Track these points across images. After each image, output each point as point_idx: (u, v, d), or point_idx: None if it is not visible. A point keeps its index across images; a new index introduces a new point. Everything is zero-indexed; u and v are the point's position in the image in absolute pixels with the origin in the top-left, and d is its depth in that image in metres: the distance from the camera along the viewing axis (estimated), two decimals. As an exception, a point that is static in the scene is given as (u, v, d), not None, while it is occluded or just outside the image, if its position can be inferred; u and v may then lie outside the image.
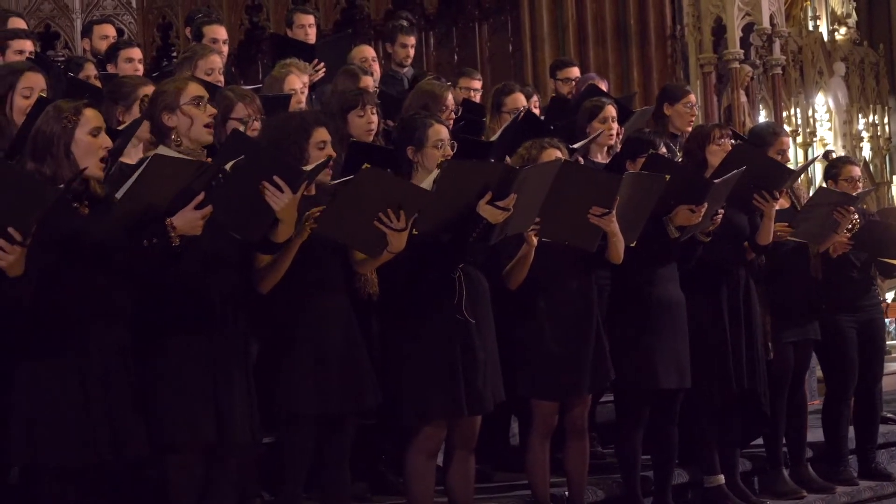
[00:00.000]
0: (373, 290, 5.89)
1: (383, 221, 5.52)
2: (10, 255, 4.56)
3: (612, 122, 7.82)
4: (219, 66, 7.62)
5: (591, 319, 6.59)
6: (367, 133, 6.73)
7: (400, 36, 9.93)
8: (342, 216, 5.48)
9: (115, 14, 13.89)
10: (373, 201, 5.50)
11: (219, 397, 5.22)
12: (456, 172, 5.81)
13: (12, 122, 5.73)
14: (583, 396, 6.67)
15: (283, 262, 5.44)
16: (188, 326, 5.22)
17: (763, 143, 7.76)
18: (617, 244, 6.45)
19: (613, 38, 12.66)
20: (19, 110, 5.74)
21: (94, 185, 5.04)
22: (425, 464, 6.06)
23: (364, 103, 6.79)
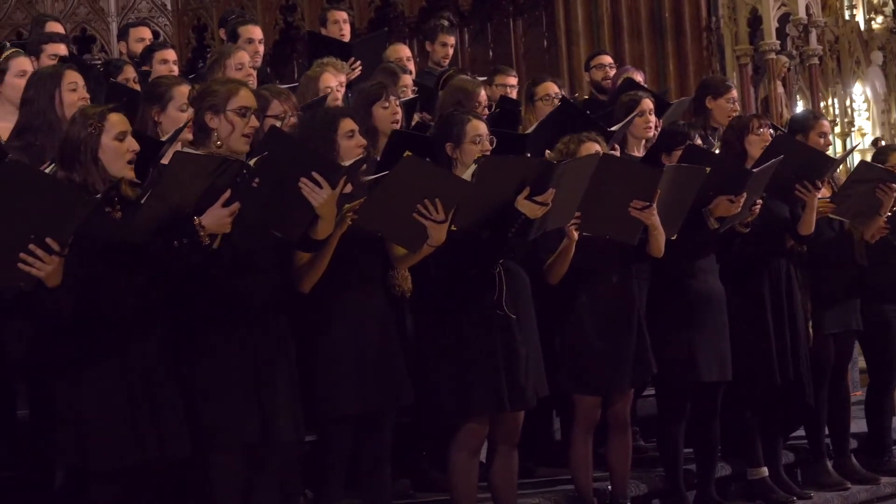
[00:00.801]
0: (407, 287, 5.89)
1: (423, 213, 5.52)
2: (49, 266, 4.57)
3: (650, 114, 7.80)
4: (247, 61, 7.63)
5: (632, 313, 6.58)
6: (393, 124, 6.73)
7: (440, 35, 9.93)
8: (382, 207, 5.47)
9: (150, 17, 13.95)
10: (413, 192, 5.49)
11: (262, 397, 5.23)
12: (493, 168, 5.80)
13: (63, 118, 5.75)
14: (625, 391, 6.66)
15: (323, 259, 5.44)
16: (230, 327, 5.23)
17: (804, 127, 7.73)
18: (658, 237, 6.43)
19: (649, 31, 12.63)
20: (70, 105, 5.78)
21: (125, 187, 5.05)
22: (468, 460, 6.06)
23: (387, 95, 6.78)
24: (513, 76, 8.99)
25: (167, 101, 5.81)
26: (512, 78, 8.92)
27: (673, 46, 12.62)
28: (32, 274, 4.56)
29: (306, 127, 5.82)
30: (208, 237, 4.96)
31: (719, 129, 8.26)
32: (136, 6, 14.26)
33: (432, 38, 9.94)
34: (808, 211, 7.24)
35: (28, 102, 5.88)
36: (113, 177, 4.97)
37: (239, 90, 5.50)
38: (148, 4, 14.29)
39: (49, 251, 4.56)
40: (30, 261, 4.54)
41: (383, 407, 5.68)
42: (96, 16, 14.17)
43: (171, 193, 4.89)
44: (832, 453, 8.10)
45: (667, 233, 6.45)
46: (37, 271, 4.56)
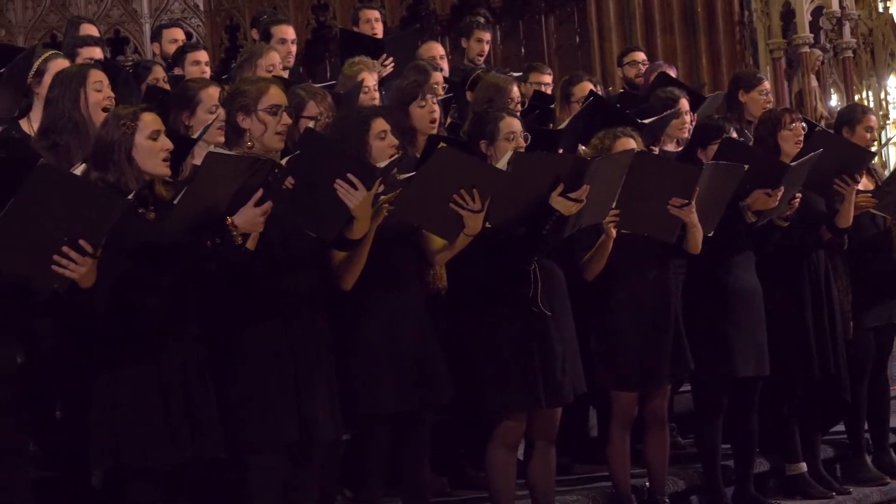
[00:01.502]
0: (442, 284, 5.89)
1: (459, 203, 5.52)
2: (82, 267, 4.58)
3: (686, 115, 7.76)
4: (279, 62, 7.64)
5: (669, 309, 6.57)
6: (431, 123, 6.72)
7: (476, 31, 9.90)
8: (418, 198, 5.48)
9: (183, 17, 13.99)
10: (448, 182, 5.50)
11: (301, 396, 5.24)
12: (527, 164, 5.80)
13: (89, 119, 5.76)
14: (662, 387, 6.65)
15: (361, 255, 5.45)
16: (268, 326, 5.23)
17: (851, 121, 7.71)
18: (696, 235, 6.42)
19: (681, 25, 12.59)
20: (95, 105, 5.78)
21: (160, 187, 5.07)
22: (506, 457, 6.05)
23: (424, 94, 6.78)
24: (548, 74, 8.97)
25: (196, 105, 5.82)
26: (547, 76, 8.90)
27: (705, 41, 12.58)
28: (66, 276, 4.58)
29: (339, 127, 5.82)
30: (241, 236, 4.97)
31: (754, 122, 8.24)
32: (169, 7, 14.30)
33: (468, 35, 9.92)
34: (845, 204, 7.20)
35: (52, 102, 5.86)
36: (147, 176, 4.99)
37: (269, 88, 5.51)
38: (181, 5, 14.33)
39: (82, 253, 4.58)
40: (63, 263, 4.56)
41: (422, 405, 5.68)
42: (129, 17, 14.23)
43: (204, 193, 4.90)
44: (871, 448, 8.06)
45: (704, 230, 6.44)
46: (70, 273, 4.57)
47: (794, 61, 12.35)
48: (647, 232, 6.34)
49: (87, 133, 5.70)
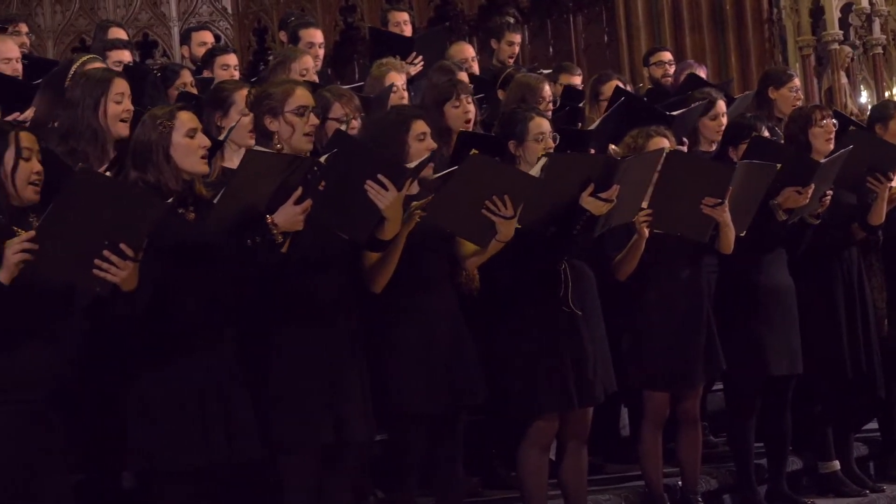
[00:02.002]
0: (475, 286, 5.88)
1: (491, 209, 5.52)
2: (124, 271, 4.59)
3: (723, 116, 7.73)
4: (312, 66, 7.65)
5: (701, 309, 6.55)
6: (465, 123, 6.73)
7: (507, 33, 9.91)
8: (450, 204, 5.48)
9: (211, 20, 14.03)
10: (480, 189, 5.50)
11: (334, 398, 5.24)
12: (561, 165, 5.80)
13: (107, 128, 5.76)
14: (695, 386, 6.63)
15: (393, 258, 5.44)
16: (300, 328, 5.24)
17: (884, 117, 7.69)
18: (728, 234, 6.40)
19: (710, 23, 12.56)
20: (113, 117, 5.78)
21: (199, 187, 5.08)
22: (538, 457, 6.05)
23: (459, 93, 6.78)
24: (577, 75, 8.95)
25: (229, 106, 5.83)
26: (577, 77, 8.88)
27: (734, 39, 12.55)
28: (108, 279, 4.59)
29: (377, 125, 5.82)
30: (281, 235, 4.98)
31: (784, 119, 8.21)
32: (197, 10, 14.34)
33: (498, 36, 9.92)
34: (878, 201, 7.16)
35: (72, 104, 5.82)
36: (186, 174, 5.01)
37: (294, 90, 5.52)
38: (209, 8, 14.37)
39: (123, 256, 4.59)
40: (105, 267, 4.57)
41: (456, 406, 5.68)
42: (158, 21, 14.27)
43: (243, 192, 4.91)
44: (905, 446, 8.03)
45: (736, 229, 6.42)
46: (112, 277, 4.59)
47: (824, 58, 12.31)
48: (680, 232, 6.33)
49: (103, 142, 5.71)
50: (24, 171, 4.70)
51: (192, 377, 4.93)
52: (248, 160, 4.92)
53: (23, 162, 4.70)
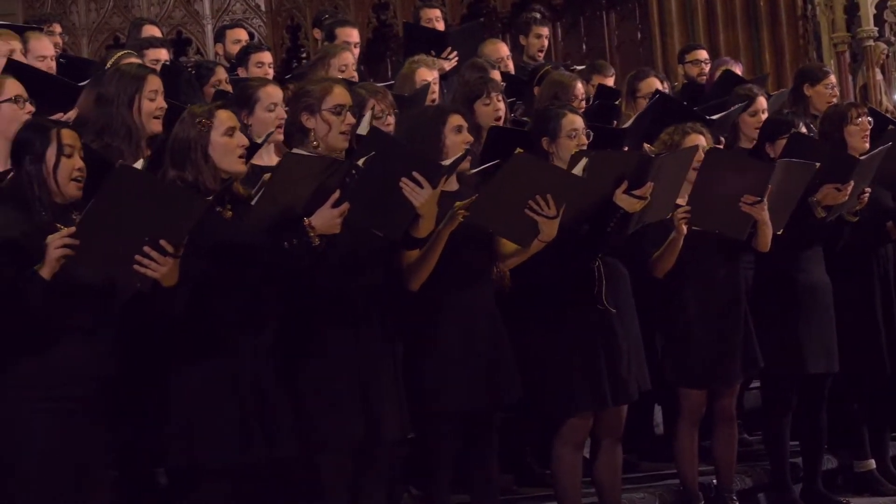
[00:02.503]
0: (506, 282, 5.87)
1: (534, 209, 5.51)
2: (164, 267, 4.62)
3: (762, 113, 7.71)
4: (351, 62, 7.67)
5: (739, 306, 6.54)
6: (495, 121, 6.73)
7: (534, 27, 9.91)
8: (494, 204, 5.47)
9: (244, 18, 14.05)
10: (524, 188, 5.49)
11: (368, 395, 5.25)
12: (603, 163, 5.79)
13: (140, 125, 5.78)
14: (732, 384, 6.62)
15: (432, 257, 5.44)
16: (335, 326, 5.25)
17: None
18: (766, 232, 6.38)
19: (743, 20, 12.51)
20: (147, 114, 5.80)
21: (237, 185, 5.10)
22: (572, 455, 6.04)
23: (489, 91, 6.78)
24: (610, 75, 8.90)
25: (254, 103, 5.84)
26: (609, 78, 8.84)
27: (768, 36, 12.49)
28: (148, 275, 4.61)
29: (413, 120, 5.83)
30: (318, 238, 4.98)
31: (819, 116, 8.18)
32: (231, 8, 14.36)
33: (526, 32, 9.93)
34: (916, 199, 7.15)
35: (107, 101, 5.83)
36: (224, 173, 5.02)
37: (333, 88, 5.54)
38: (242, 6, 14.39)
39: (164, 253, 4.61)
40: (145, 263, 4.60)
41: (492, 404, 5.68)
42: (191, 18, 14.30)
43: (282, 194, 4.92)
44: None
45: (774, 227, 6.40)
46: (152, 273, 4.61)
47: (859, 55, 12.24)
48: (719, 229, 6.31)
49: (137, 139, 5.72)
50: (66, 168, 4.74)
51: (231, 374, 4.95)
52: (287, 163, 4.94)
53: (65, 159, 4.74)
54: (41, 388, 4.66)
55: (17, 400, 4.67)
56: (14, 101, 5.54)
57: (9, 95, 5.57)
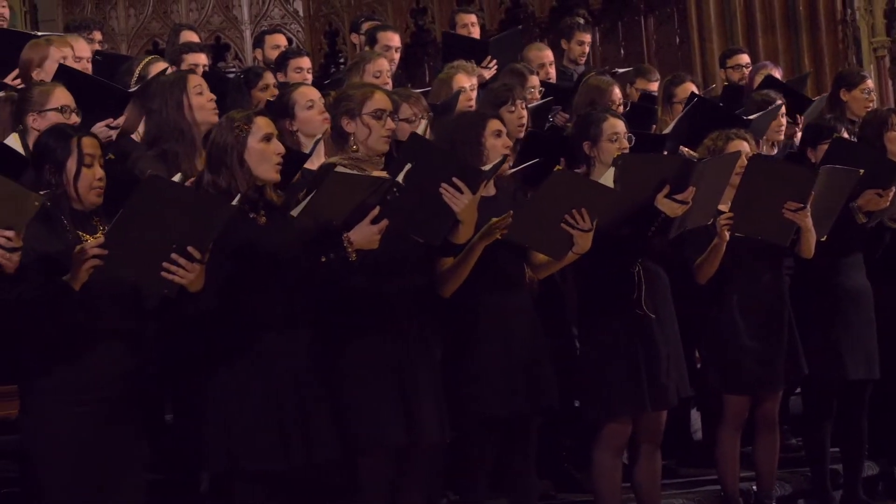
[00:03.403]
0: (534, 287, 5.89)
1: (570, 222, 5.51)
2: (191, 273, 4.64)
3: (782, 117, 7.70)
4: (386, 69, 7.68)
5: (782, 312, 6.52)
6: (519, 128, 6.73)
7: (577, 33, 9.91)
8: (530, 221, 5.48)
9: (282, 23, 14.07)
10: (561, 203, 5.50)
11: (407, 399, 5.25)
12: (634, 166, 5.78)
13: (194, 123, 5.81)
14: (776, 390, 6.60)
15: (466, 267, 5.44)
16: (373, 330, 5.26)
17: None
18: (809, 239, 6.37)
19: (783, 24, 12.45)
20: (199, 108, 5.83)
21: (270, 192, 5.10)
22: (612, 460, 6.04)
23: (514, 98, 6.77)
24: (655, 80, 8.87)
25: (292, 107, 5.87)
26: (654, 84, 8.82)
27: (808, 40, 12.43)
28: (175, 281, 4.63)
29: (452, 126, 5.83)
30: (355, 252, 4.99)
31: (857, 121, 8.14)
32: (269, 13, 14.39)
33: (568, 37, 9.92)
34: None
35: (155, 112, 5.91)
36: (259, 180, 5.03)
37: (374, 93, 5.57)
38: (280, 11, 14.41)
39: (191, 259, 4.62)
40: (172, 269, 4.62)
41: (530, 410, 5.67)
42: (230, 24, 14.33)
43: (323, 209, 4.93)
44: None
45: (817, 233, 6.38)
46: (179, 279, 4.63)
47: (899, 59, 12.18)
48: (762, 235, 6.30)
49: (192, 138, 5.76)
50: (87, 178, 4.77)
51: (268, 376, 4.96)
52: (332, 181, 4.94)
53: (85, 169, 4.76)
54: (71, 392, 4.70)
55: (47, 404, 4.71)
56: (60, 111, 5.61)
57: (55, 105, 5.64)
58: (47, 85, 5.83)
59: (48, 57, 6.95)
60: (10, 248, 4.42)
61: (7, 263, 4.43)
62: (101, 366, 4.71)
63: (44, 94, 5.72)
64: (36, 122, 5.62)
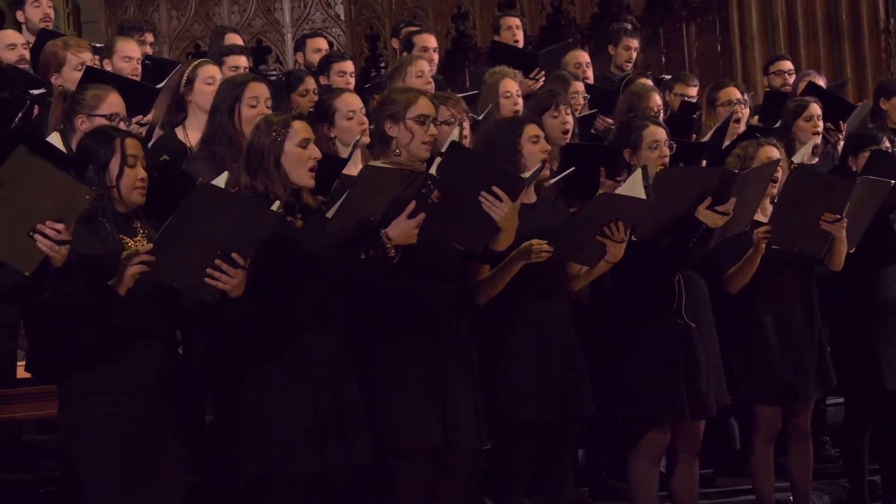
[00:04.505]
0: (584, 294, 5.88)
1: (606, 234, 5.51)
2: (234, 279, 4.66)
3: (818, 119, 7.68)
4: (427, 69, 7.69)
5: (813, 323, 6.50)
6: (563, 134, 6.74)
7: (624, 38, 9.91)
8: (572, 239, 5.50)
9: (323, 27, 14.08)
10: (599, 219, 5.53)
11: (444, 403, 5.26)
12: (670, 179, 5.79)
13: (241, 133, 5.83)
14: (807, 401, 6.58)
15: (502, 281, 5.49)
16: (411, 334, 5.27)
17: None
18: (842, 250, 6.35)
19: (825, 33, 12.40)
20: (248, 121, 5.84)
21: (307, 196, 5.12)
22: (650, 469, 6.04)
23: (557, 104, 6.78)
24: (693, 86, 8.88)
25: (333, 114, 5.88)
26: (692, 88, 8.83)
27: (850, 49, 12.37)
28: (218, 287, 4.65)
29: (489, 132, 5.85)
30: (394, 249, 5.00)
31: (897, 130, 8.14)
32: (311, 17, 14.40)
33: (615, 42, 9.92)
34: None
35: (214, 111, 5.96)
36: (294, 185, 5.04)
37: (418, 99, 5.56)
38: (322, 15, 14.43)
39: (234, 265, 4.64)
40: (216, 275, 4.64)
41: (566, 417, 5.67)
42: (271, 27, 14.35)
43: (359, 206, 4.94)
44: None
45: (848, 244, 6.36)
46: (222, 285, 4.65)
47: (942, 69, 12.12)
48: (798, 248, 6.28)
49: (239, 146, 5.77)
50: (130, 178, 4.79)
51: (306, 380, 4.98)
52: (365, 175, 4.96)
53: (128, 169, 4.78)
54: (111, 392, 4.73)
55: (87, 404, 4.74)
56: (108, 119, 5.60)
57: (106, 111, 5.65)
58: (101, 89, 5.79)
59: (65, 63, 7.01)
60: (60, 240, 4.44)
61: (55, 256, 4.45)
62: (140, 367, 4.74)
63: (96, 99, 5.70)
64: (84, 125, 5.62)
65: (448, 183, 5.16)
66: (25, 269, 4.44)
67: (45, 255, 4.42)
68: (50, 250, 4.43)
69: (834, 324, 6.74)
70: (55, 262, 4.47)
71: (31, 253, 4.42)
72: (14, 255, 4.43)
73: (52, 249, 4.43)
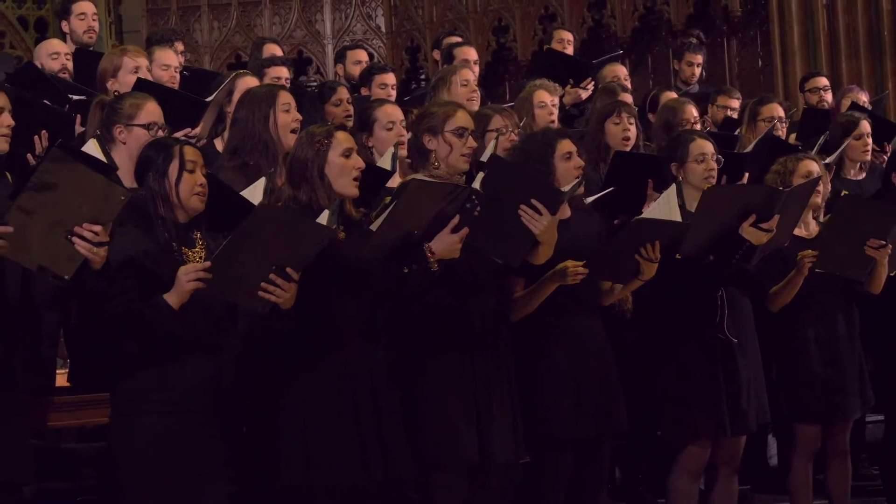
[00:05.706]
0: (628, 307, 5.87)
1: (642, 254, 5.51)
2: (287, 293, 4.68)
3: (868, 137, 7.65)
4: (472, 78, 7.71)
5: (854, 342, 6.47)
6: (624, 141, 6.75)
7: (687, 54, 9.96)
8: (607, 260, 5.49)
9: (364, 39, 14.11)
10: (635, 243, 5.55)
11: (482, 418, 5.25)
12: (717, 197, 5.79)
13: (277, 139, 5.84)
14: (847, 420, 6.54)
15: (536, 300, 5.49)
16: (450, 347, 5.27)
17: None
18: (882, 274, 6.33)
19: (867, 49, 12.33)
20: (283, 126, 5.85)
21: (350, 207, 5.12)
22: (689, 484, 6.03)
23: (620, 111, 6.80)
24: (736, 98, 8.89)
25: (373, 123, 5.89)
26: (735, 101, 8.83)
27: (891, 65, 12.30)
28: (271, 300, 4.67)
29: (523, 147, 5.85)
30: (436, 263, 5.00)
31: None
32: (352, 29, 14.43)
33: (679, 58, 9.95)
34: None
35: (241, 122, 5.92)
36: (337, 194, 5.05)
37: (456, 112, 5.57)
38: (363, 27, 14.45)
39: (288, 279, 4.66)
40: (270, 289, 4.66)
41: (600, 433, 5.65)
42: (312, 38, 14.39)
43: (404, 220, 4.95)
44: None
45: (889, 268, 6.33)
46: (276, 298, 4.68)
47: (984, 86, 12.04)
48: (841, 272, 6.26)
49: (275, 153, 5.78)
50: (189, 183, 4.80)
51: (348, 392, 4.98)
52: (411, 190, 4.96)
53: (187, 174, 4.79)
54: (160, 401, 4.75)
55: (136, 413, 4.76)
56: (147, 128, 5.57)
57: (144, 121, 5.60)
58: (139, 97, 5.74)
59: (121, 67, 7.03)
60: (97, 242, 4.46)
61: (94, 258, 4.48)
62: (190, 376, 4.77)
63: (134, 107, 5.64)
64: (122, 135, 5.59)
65: (488, 196, 5.15)
66: (65, 272, 4.46)
67: (83, 257, 4.43)
68: (88, 252, 4.45)
69: (873, 342, 6.69)
70: (94, 264, 4.50)
71: (69, 256, 4.43)
72: (53, 260, 4.45)
73: (90, 251, 4.46)
